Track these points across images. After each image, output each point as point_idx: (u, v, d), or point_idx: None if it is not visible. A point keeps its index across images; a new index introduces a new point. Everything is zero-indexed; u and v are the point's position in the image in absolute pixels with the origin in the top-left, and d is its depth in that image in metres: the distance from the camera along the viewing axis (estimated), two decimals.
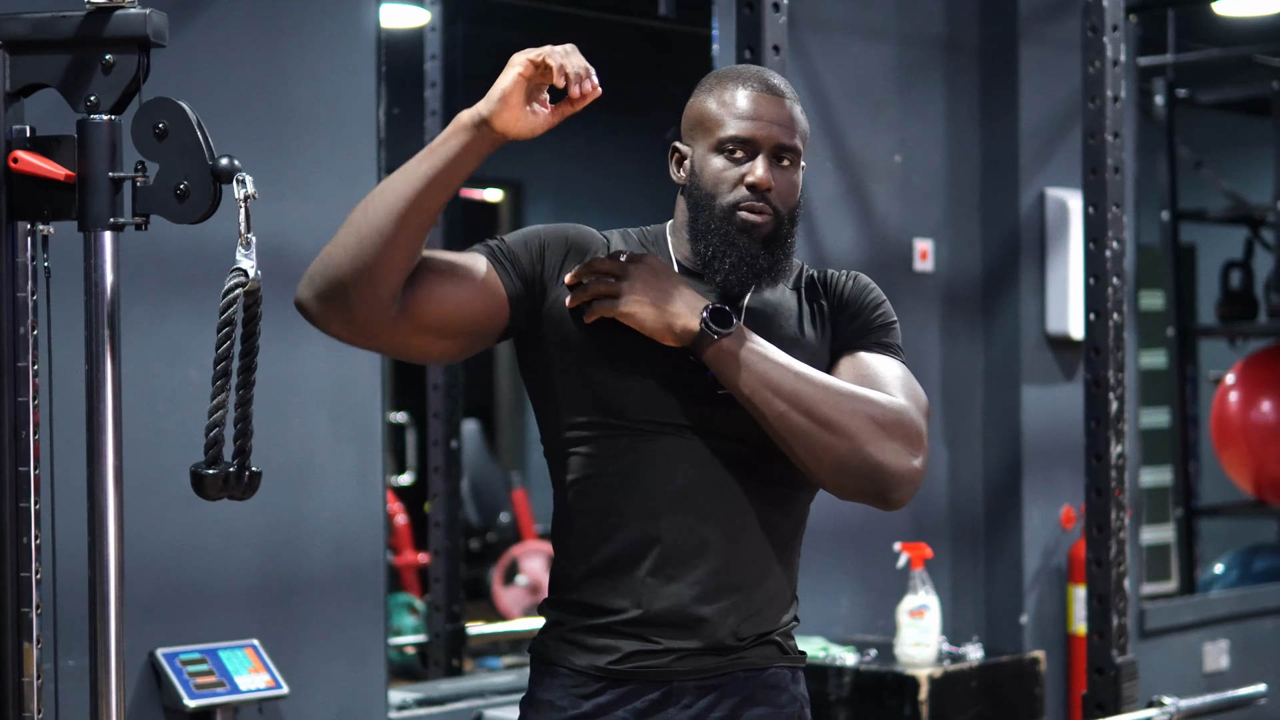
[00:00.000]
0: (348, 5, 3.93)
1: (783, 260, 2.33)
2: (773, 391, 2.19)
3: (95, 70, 2.13)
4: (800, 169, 2.35)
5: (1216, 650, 5.95)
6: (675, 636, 2.27)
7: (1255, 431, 6.57)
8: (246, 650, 3.67)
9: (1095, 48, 4.17)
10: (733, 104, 2.33)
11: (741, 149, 2.31)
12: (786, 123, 2.32)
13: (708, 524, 2.28)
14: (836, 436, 2.20)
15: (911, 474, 2.25)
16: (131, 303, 2.32)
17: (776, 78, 2.38)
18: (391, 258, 2.14)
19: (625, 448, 2.29)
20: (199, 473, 2.19)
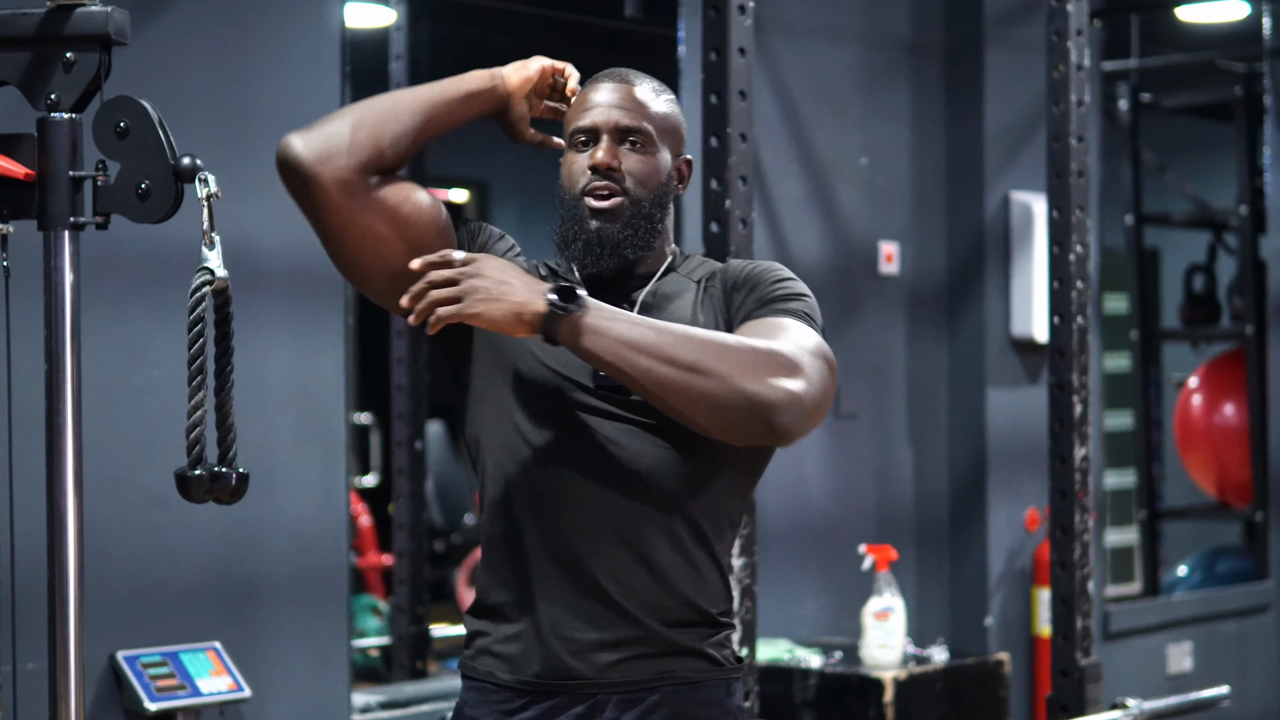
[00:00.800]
0: (312, 4, 3.91)
1: (638, 237, 2.30)
2: (632, 349, 2.10)
3: (56, 68, 2.11)
4: (657, 154, 2.33)
5: (1180, 652, 5.97)
6: (595, 648, 2.23)
7: (1218, 434, 6.60)
8: (208, 653, 3.65)
9: (1059, 52, 4.18)
10: (583, 102, 2.35)
11: (588, 136, 2.32)
12: (630, 105, 2.32)
13: (619, 529, 2.24)
14: (705, 377, 2.10)
15: (792, 399, 2.12)
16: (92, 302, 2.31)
17: (632, 72, 2.38)
18: (398, 139, 2.26)
19: (526, 454, 2.27)
20: (184, 475, 2.18)
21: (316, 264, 3.87)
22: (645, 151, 2.32)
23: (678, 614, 2.25)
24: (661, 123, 2.34)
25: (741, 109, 3.50)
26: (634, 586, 2.23)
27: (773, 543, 4.73)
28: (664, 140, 2.34)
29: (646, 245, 2.32)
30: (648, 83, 2.37)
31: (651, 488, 2.24)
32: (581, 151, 2.32)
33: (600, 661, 2.23)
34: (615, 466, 2.24)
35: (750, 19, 3.53)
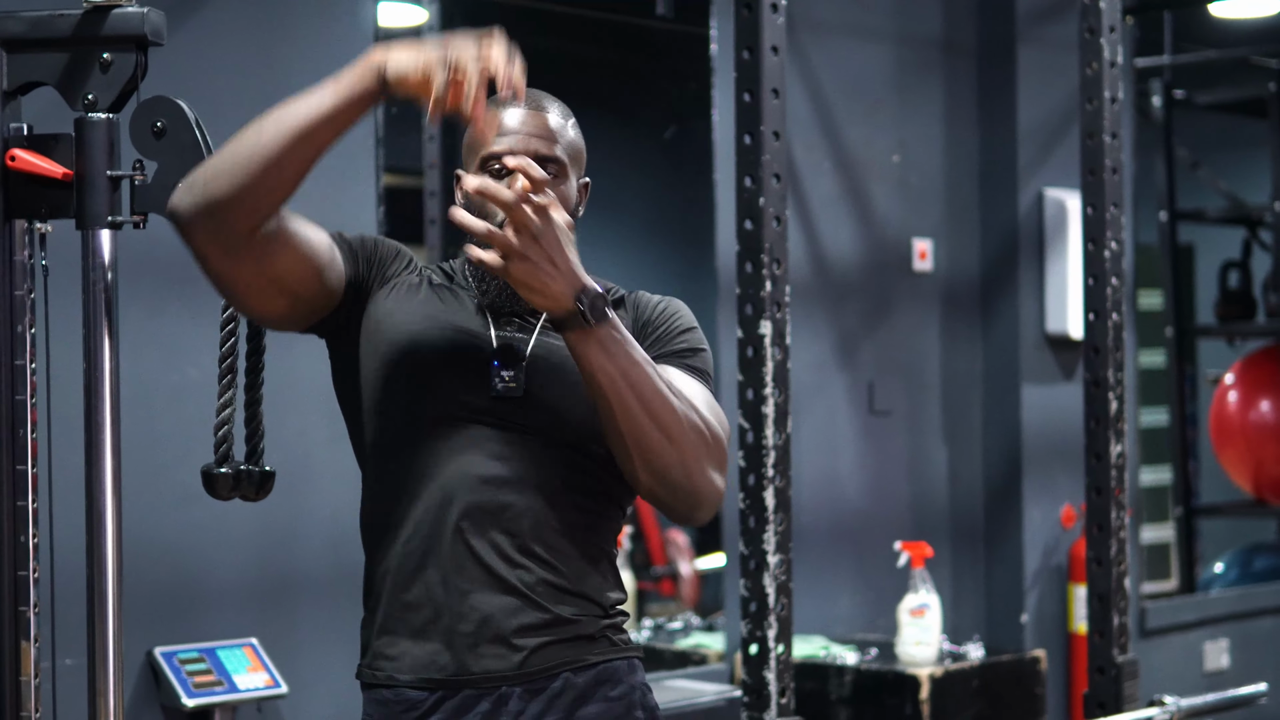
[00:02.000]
0: (346, 4, 3.93)
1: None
2: (629, 385, 2.13)
3: (93, 69, 2.13)
4: (567, 183, 2.31)
5: (1217, 649, 5.95)
6: (496, 641, 2.23)
7: (1254, 431, 6.57)
8: (245, 649, 3.67)
9: (1093, 49, 4.17)
10: (492, 123, 2.28)
11: (500, 163, 2.27)
12: (546, 134, 2.29)
13: (506, 519, 2.24)
14: (674, 451, 2.17)
15: (718, 498, 2.24)
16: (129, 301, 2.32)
17: (541, 94, 2.34)
18: (279, 182, 2.09)
19: (419, 448, 2.27)
20: (210, 472, 2.19)
21: None
22: (558, 181, 2.29)
23: (574, 605, 2.26)
24: (570, 150, 2.33)
25: (774, 107, 3.50)
26: (532, 581, 2.23)
27: (808, 540, 4.73)
28: (573, 168, 2.33)
29: None
30: (556, 105, 2.34)
31: (544, 488, 2.24)
32: (494, 175, 2.27)
33: (504, 654, 2.23)
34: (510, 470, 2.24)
35: (783, 17, 3.53)
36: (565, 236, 2.11)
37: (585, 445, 2.25)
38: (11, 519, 2.14)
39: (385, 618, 2.30)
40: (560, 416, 2.25)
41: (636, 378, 2.13)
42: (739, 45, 3.54)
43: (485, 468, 2.23)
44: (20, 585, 2.14)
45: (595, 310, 2.11)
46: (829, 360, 4.96)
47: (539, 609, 2.24)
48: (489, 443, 2.24)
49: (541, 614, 2.24)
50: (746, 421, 3.50)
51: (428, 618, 2.25)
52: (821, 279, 4.93)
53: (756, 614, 3.46)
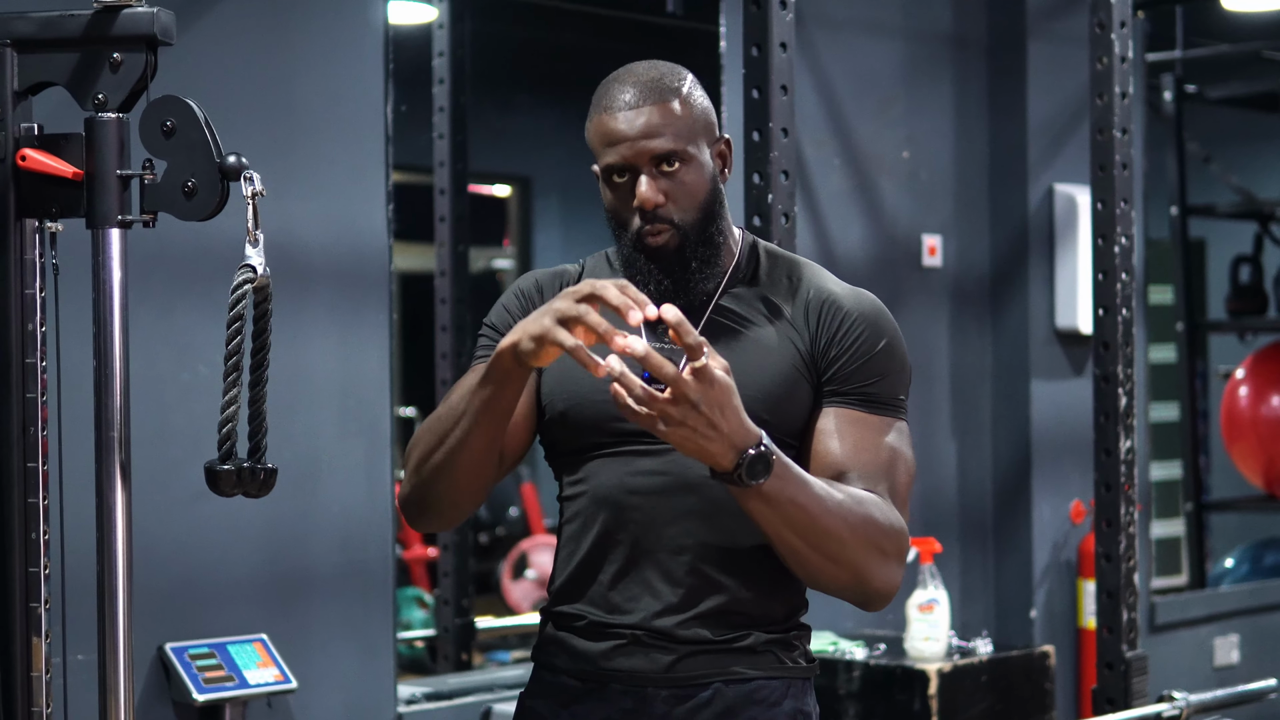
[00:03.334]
0: (356, 2, 3.93)
1: (701, 259, 2.27)
2: (791, 530, 2.11)
3: (103, 68, 2.13)
4: (697, 162, 2.26)
5: (1227, 645, 5.95)
6: (648, 641, 2.24)
7: (1265, 426, 6.57)
8: (255, 645, 3.68)
9: (1103, 44, 4.17)
10: (601, 131, 2.25)
11: (621, 174, 2.25)
12: (654, 130, 2.22)
13: (675, 527, 2.25)
14: (843, 570, 2.16)
15: (896, 589, 2.21)
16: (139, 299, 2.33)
17: (645, 76, 2.26)
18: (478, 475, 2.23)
19: (588, 466, 2.29)
20: (213, 469, 2.20)
21: (361, 260, 3.90)
22: (685, 169, 2.25)
23: (741, 614, 2.25)
24: (691, 127, 2.26)
25: (783, 104, 3.51)
26: (697, 585, 2.24)
27: None
28: (698, 142, 2.27)
29: (711, 264, 2.29)
30: (662, 83, 2.26)
31: (713, 504, 2.23)
32: (620, 188, 2.25)
33: (658, 655, 2.24)
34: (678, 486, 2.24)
35: (791, 13, 3.54)
36: (727, 394, 2.00)
37: None
38: (22, 515, 2.15)
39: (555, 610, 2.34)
40: None
41: (801, 522, 2.10)
42: (747, 42, 3.55)
43: (642, 483, 2.25)
44: (31, 581, 2.15)
45: (754, 471, 2.04)
46: None
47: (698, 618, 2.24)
48: (645, 459, 2.25)
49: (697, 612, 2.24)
50: None
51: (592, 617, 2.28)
52: None
53: None
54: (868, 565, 2.16)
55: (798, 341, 2.28)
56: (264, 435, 2.25)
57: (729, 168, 2.35)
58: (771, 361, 2.26)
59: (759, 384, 2.23)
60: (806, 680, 2.33)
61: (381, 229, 3.93)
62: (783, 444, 2.17)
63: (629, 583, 2.26)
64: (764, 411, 2.19)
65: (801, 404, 2.26)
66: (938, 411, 5.21)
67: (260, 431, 2.25)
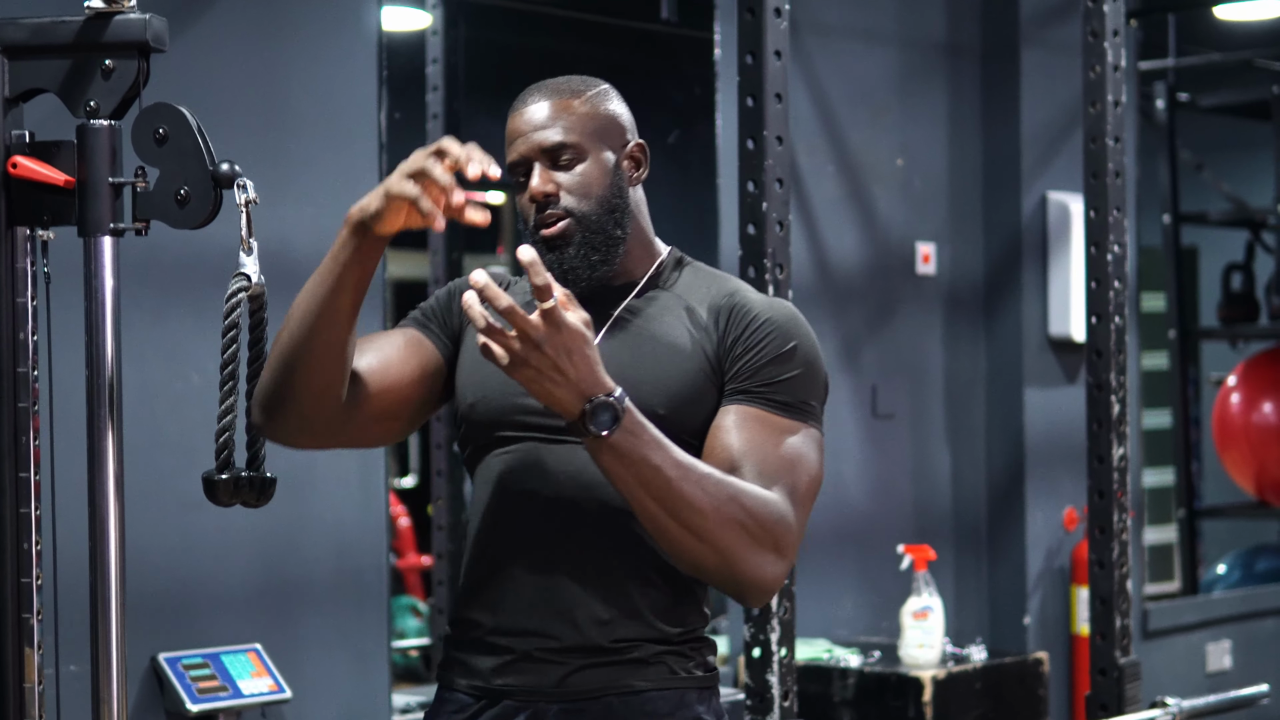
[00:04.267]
0: (349, 9, 3.93)
1: (598, 252, 2.26)
2: (646, 493, 2.07)
3: (95, 75, 2.12)
4: (598, 157, 2.27)
5: (1219, 650, 5.95)
6: (539, 656, 2.23)
7: (1256, 433, 6.58)
8: (249, 654, 3.67)
9: (1096, 53, 4.17)
10: (507, 133, 2.30)
11: (521, 171, 2.28)
12: (549, 121, 2.26)
13: (569, 540, 2.23)
14: (707, 547, 2.09)
15: (774, 584, 2.14)
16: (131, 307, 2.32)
17: (551, 81, 2.30)
18: (322, 369, 2.18)
19: (489, 462, 2.29)
20: (211, 479, 2.19)
21: None
22: (579, 163, 2.26)
23: (634, 630, 2.23)
24: (588, 125, 2.27)
25: (777, 111, 3.51)
26: (589, 600, 2.22)
27: (811, 543, 4.72)
28: (598, 141, 2.28)
29: (610, 256, 2.28)
30: (566, 85, 2.30)
31: (607, 507, 2.21)
32: (522, 187, 2.28)
33: (549, 670, 2.23)
34: (574, 486, 2.23)
35: (786, 22, 3.54)
36: (577, 341, 2.01)
37: None
38: (14, 526, 2.14)
39: (454, 624, 2.33)
40: None
41: (657, 485, 2.06)
42: (742, 50, 3.54)
43: (537, 483, 2.24)
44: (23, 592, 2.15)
45: (599, 420, 2.03)
46: (832, 364, 4.96)
47: (587, 632, 2.22)
48: (543, 457, 2.24)
49: (590, 636, 2.22)
50: None
51: (485, 630, 2.27)
52: (825, 283, 4.94)
53: (759, 617, 3.46)
54: (734, 547, 2.09)
55: (707, 345, 2.26)
56: (262, 445, 2.24)
57: (642, 173, 2.34)
58: (676, 361, 2.24)
59: (658, 380, 2.22)
60: (706, 689, 2.29)
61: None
62: (681, 442, 2.14)
63: (521, 596, 2.24)
64: (660, 407, 2.18)
65: (707, 407, 2.23)
66: (931, 419, 5.21)
67: (258, 441, 2.25)
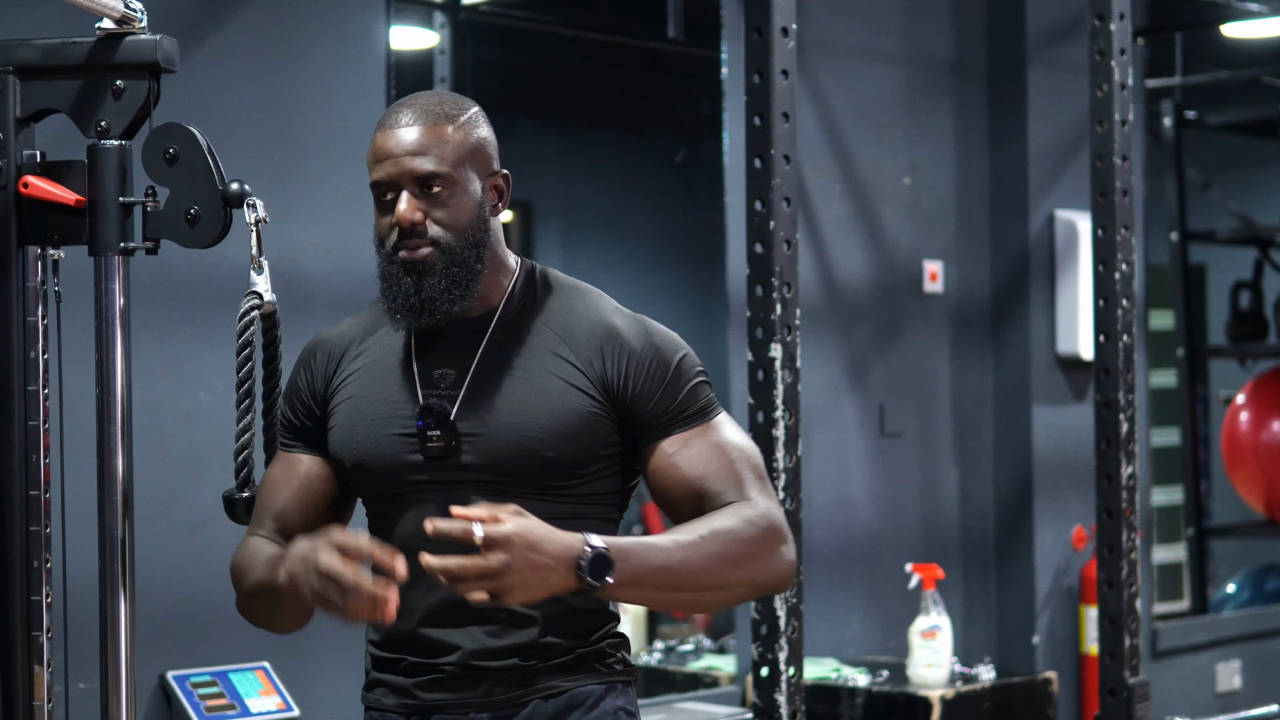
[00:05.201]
0: (357, 28, 3.94)
1: (458, 286, 2.24)
2: (668, 592, 2.20)
3: (106, 96, 2.14)
4: (467, 188, 2.25)
5: (1229, 670, 5.94)
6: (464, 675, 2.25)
7: (1266, 451, 6.56)
8: (257, 673, 3.67)
9: (1103, 71, 4.18)
10: (373, 148, 2.26)
11: (387, 191, 2.24)
12: (424, 147, 2.22)
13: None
14: (732, 592, 2.26)
15: (789, 570, 2.27)
16: (141, 326, 2.33)
17: (424, 101, 2.28)
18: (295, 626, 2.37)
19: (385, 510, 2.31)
20: (231, 497, 2.20)
21: (362, 286, 3.89)
22: (449, 193, 2.23)
23: (552, 639, 2.26)
24: (460, 155, 2.25)
25: (785, 131, 3.51)
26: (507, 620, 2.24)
27: (819, 562, 4.73)
28: (469, 171, 2.26)
29: (469, 290, 2.26)
30: (439, 109, 2.26)
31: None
32: (385, 205, 2.24)
33: (476, 683, 2.25)
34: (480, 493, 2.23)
35: (793, 41, 3.54)
36: (527, 532, 2.05)
37: (539, 481, 2.23)
38: (24, 544, 2.15)
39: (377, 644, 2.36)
40: (501, 462, 2.22)
41: (672, 582, 2.17)
42: (749, 69, 3.55)
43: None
44: (33, 610, 2.15)
45: (599, 572, 2.09)
46: (840, 382, 4.96)
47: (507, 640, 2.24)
48: (435, 506, 2.21)
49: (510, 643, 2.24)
50: (757, 444, 3.49)
51: (406, 648, 2.29)
52: (832, 301, 4.94)
53: (767, 636, 3.46)
54: (753, 575, 2.23)
55: (591, 379, 2.26)
56: None
57: (504, 202, 2.34)
58: (556, 397, 2.25)
59: (540, 421, 2.23)
60: (626, 684, 2.34)
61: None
62: (572, 478, 2.22)
63: (441, 626, 2.26)
64: (548, 450, 2.22)
65: (597, 439, 2.26)
66: (939, 437, 5.21)
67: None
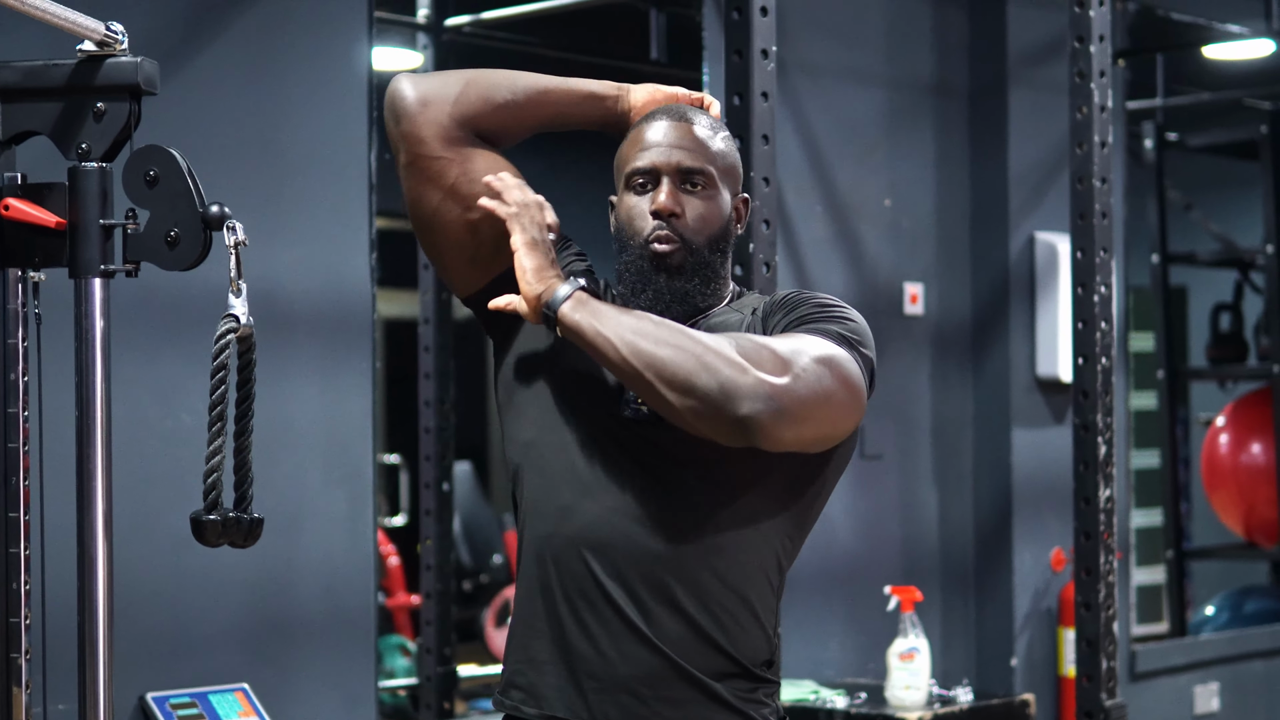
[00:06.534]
0: (340, 49, 3.95)
1: (704, 285, 2.28)
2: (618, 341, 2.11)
3: (87, 118, 2.14)
4: (718, 196, 2.29)
5: (1207, 692, 5.95)
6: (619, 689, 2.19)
7: (1245, 474, 6.59)
8: (237, 694, 3.67)
9: (1083, 93, 4.19)
10: (638, 139, 2.30)
11: (647, 178, 2.28)
12: (691, 145, 2.28)
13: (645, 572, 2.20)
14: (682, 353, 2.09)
15: (763, 389, 2.06)
16: (122, 348, 2.33)
17: (687, 111, 2.33)
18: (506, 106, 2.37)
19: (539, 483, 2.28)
20: (199, 519, 2.19)
21: (344, 307, 3.91)
22: (707, 194, 2.28)
23: (704, 661, 2.20)
24: (721, 162, 2.30)
25: (765, 153, 3.52)
26: (662, 630, 2.18)
27: (798, 583, 4.73)
28: (724, 181, 2.31)
29: (713, 293, 2.30)
30: (705, 119, 2.32)
31: (678, 536, 2.19)
32: (640, 194, 2.28)
33: (624, 704, 2.19)
34: (644, 512, 2.19)
35: (773, 63, 3.56)
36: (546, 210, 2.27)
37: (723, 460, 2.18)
38: (4, 565, 2.14)
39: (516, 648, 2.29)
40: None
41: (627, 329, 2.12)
42: (729, 91, 3.56)
43: (615, 499, 2.20)
44: (12, 632, 2.15)
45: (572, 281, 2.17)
46: None
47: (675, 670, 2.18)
48: (621, 470, 2.21)
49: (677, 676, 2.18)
50: None
51: (558, 655, 2.23)
52: None
53: None
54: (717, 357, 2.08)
55: (755, 327, 2.27)
56: (250, 485, 2.25)
57: (743, 224, 2.37)
58: None
59: None
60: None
61: (365, 276, 3.93)
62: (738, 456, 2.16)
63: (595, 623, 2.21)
64: None
65: None
66: (919, 459, 5.22)
67: (246, 481, 2.25)
